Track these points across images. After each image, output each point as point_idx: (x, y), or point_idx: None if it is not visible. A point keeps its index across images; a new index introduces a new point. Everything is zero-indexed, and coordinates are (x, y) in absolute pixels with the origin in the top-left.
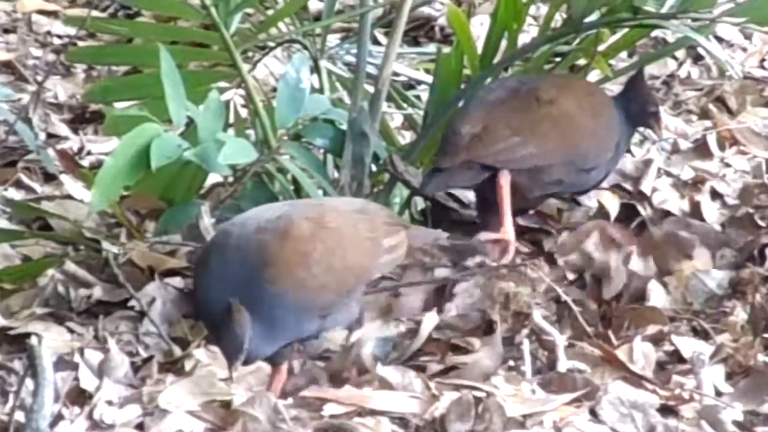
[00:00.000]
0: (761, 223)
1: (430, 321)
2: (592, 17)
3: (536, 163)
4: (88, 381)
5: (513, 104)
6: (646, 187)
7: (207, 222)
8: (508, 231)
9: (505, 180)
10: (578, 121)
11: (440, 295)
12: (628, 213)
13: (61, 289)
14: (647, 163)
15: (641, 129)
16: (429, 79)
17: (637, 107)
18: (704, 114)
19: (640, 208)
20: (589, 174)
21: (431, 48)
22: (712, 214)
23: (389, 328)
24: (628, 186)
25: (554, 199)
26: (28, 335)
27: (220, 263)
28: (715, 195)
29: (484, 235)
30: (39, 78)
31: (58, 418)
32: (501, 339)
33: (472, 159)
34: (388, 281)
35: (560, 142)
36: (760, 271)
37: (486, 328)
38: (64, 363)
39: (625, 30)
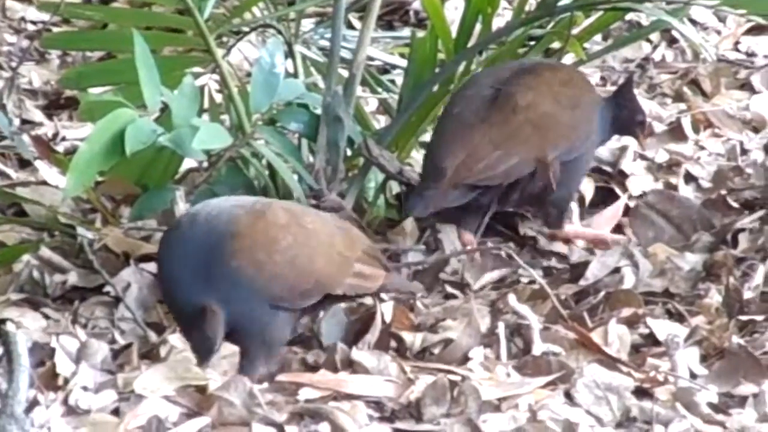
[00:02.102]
0: (735, 206)
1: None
2: (566, 0)
3: (523, 173)
4: (64, 366)
5: (491, 119)
6: (622, 170)
7: (182, 207)
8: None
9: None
10: (558, 117)
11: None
12: (603, 196)
13: (36, 274)
14: (623, 149)
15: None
16: (403, 63)
17: (625, 114)
18: (679, 97)
19: (618, 191)
20: (576, 166)
21: (405, 32)
22: (687, 196)
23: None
24: (605, 168)
25: None
26: (3, 321)
27: (188, 231)
28: (690, 178)
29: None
30: (13, 64)
31: (33, 403)
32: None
33: (458, 182)
34: None
35: (543, 144)
36: (733, 253)
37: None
38: (39, 349)
39: (599, 13)
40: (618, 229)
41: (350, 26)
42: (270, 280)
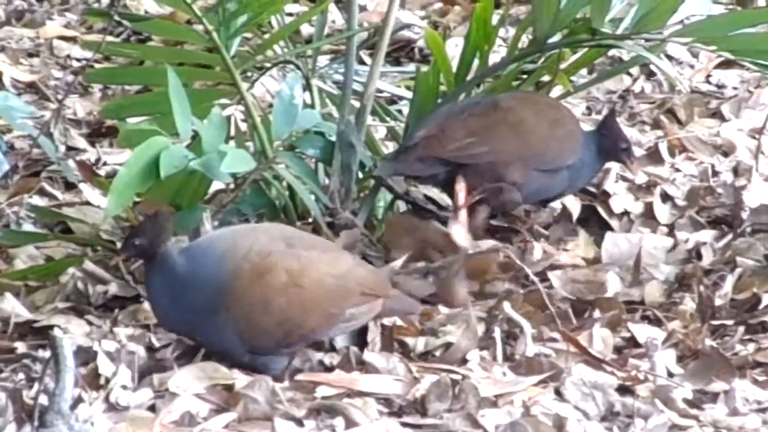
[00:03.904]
0: (704, 222)
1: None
2: (555, 38)
3: (489, 160)
4: (105, 368)
5: (471, 111)
6: (606, 190)
7: (207, 227)
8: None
9: (460, 186)
10: (533, 125)
11: None
12: (588, 214)
13: (80, 285)
14: (606, 171)
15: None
16: (409, 95)
17: (608, 143)
18: (656, 124)
19: (600, 210)
20: (551, 179)
21: (411, 67)
22: (663, 214)
23: None
24: (590, 189)
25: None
26: (51, 327)
27: (199, 260)
28: (666, 197)
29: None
30: (59, 97)
31: (78, 401)
32: (476, 322)
33: (428, 155)
34: None
35: (514, 142)
36: (702, 265)
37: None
38: (83, 352)
39: (585, 50)
40: None
41: (361, 62)
42: (254, 336)
